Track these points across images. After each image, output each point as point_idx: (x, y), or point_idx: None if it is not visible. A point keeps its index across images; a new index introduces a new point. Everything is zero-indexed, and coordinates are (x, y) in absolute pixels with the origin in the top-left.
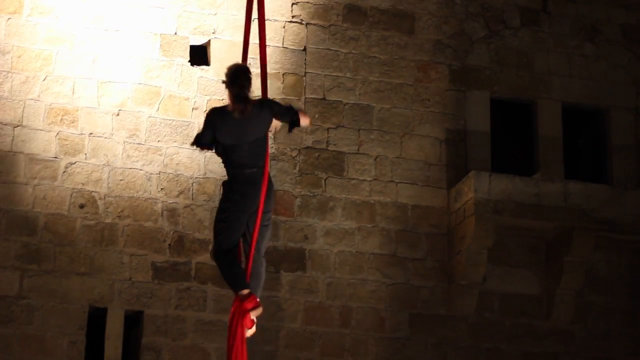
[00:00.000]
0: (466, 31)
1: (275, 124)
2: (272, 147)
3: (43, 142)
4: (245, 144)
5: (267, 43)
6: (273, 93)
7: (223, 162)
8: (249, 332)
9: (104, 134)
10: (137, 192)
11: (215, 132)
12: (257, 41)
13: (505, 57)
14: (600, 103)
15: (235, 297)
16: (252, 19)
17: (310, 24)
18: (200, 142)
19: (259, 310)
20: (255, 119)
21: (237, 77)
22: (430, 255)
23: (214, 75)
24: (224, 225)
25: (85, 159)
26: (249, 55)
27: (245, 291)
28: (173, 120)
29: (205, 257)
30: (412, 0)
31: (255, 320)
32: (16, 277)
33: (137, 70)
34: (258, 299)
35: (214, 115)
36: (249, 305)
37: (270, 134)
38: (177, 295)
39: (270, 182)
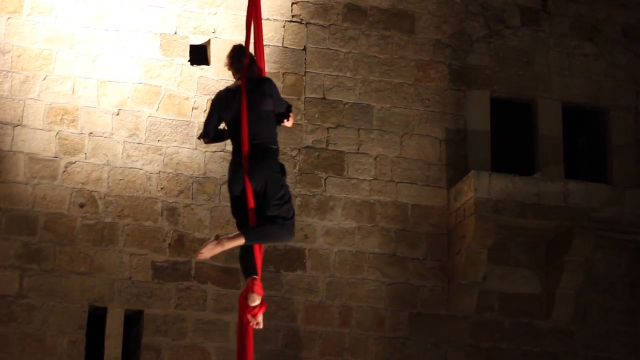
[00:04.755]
0: (466, 30)
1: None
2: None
3: (43, 142)
4: (240, 120)
5: (267, 43)
6: None
7: (233, 144)
8: (255, 322)
9: (103, 133)
10: (137, 191)
11: (221, 113)
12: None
13: (505, 56)
14: (600, 102)
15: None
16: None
17: (310, 23)
18: (207, 129)
19: (255, 297)
20: (255, 93)
21: (234, 52)
22: (430, 254)
23: (214, 74)
24: (231, 208)
25: (85, 158)
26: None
27: (252, 277)
28: (173, 119)
29: (206, 257)
30: (412, 0)
31: (256, 308)
32: (16, 276)
33: (137, 70)
34: (257, 287)
35: (219, 96)
36: (246, 291)
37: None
38: (177, 295)
39: (260, 157)
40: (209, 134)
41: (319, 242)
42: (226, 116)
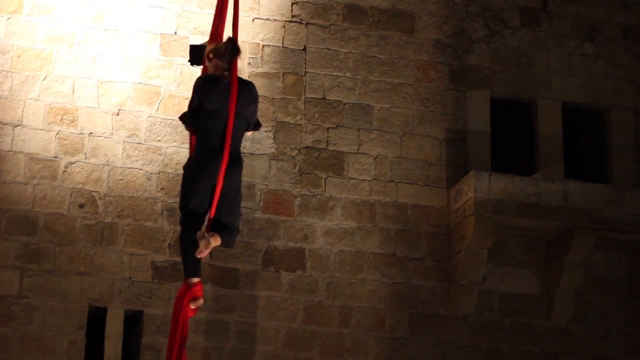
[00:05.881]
0: (466, 31)
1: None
2: (272, 147)
3: (43, 142)
4: (225, 114)
5: (267, 43)
6: (273, 93)
7: (197, 132)
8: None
9: (103, 133)
10: (137, 191)
11: (203, 97)
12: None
13: (505, 56)
14: (600, 103)
15: (183, 283)
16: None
17: (310, 23)
18: (194, 117)
19: (200, 302)
20: (244, 94)
21: (230, 45)
22: (430, 254)
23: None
24: (186, 201)
25: (85, 158)
26: (249, 55)
27: (195, 280)
28: (173, 119)
29: (205, 257)
30: (412, 0)
31: (195, 310)
32: (16, 276)
33: (137, 70)
34: (201, 291)
35: (204, 81)
36: (191, 295)
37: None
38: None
39: (234, 161)
40: (190, 118)
41: (319, 242)
42: (208, 103)
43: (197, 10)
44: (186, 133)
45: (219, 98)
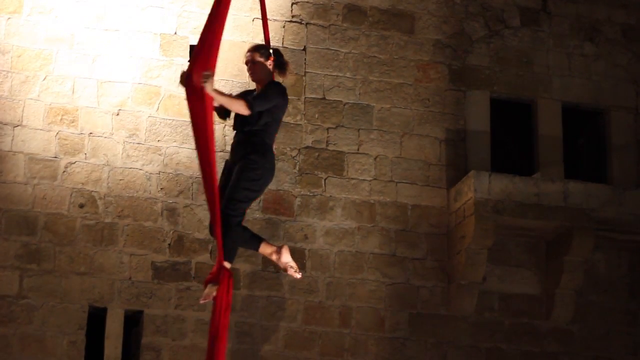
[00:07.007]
0: (466, 31)
1: None
2: None
3: (43, 142)
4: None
5: None
6: None
7: (263, 134)
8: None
9: (103, 133)
10: (137, 191)
11: (281, 105)
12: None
13: (505, 56)
14: (600, 103)
15: (217, 270)
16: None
17: (310, 23)
18: (261, 104)
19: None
20: None
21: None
22: (430, 255)
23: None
24: (255, 194)
25: (85, 158)
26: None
27: (229, 265)
28: (173, 119)
29: (205, 257)
30: (412, 0)
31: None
32: (16, 276)
33: (137, 70)
34: None
35: (284, 90)
36: (230, 282)
37: None
38: (177, 295)
39: None
40: (255, 108)
41: (318, 243)
42: (282, 113)
43: (197, 10)
44: (186, 133)
45: (285, 107)
